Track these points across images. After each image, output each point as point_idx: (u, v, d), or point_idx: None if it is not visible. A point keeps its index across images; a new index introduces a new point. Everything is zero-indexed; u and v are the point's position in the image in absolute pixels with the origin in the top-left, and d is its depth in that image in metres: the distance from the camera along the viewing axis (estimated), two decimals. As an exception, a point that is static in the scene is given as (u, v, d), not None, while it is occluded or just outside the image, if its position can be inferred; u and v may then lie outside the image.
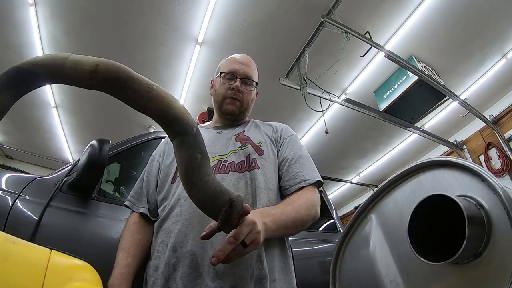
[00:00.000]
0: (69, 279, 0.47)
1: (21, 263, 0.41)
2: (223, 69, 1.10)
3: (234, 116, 1.08)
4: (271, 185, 0.93)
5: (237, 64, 1.09)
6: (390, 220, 0.39)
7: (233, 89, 1.05)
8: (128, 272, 0.84)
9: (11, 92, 0.45)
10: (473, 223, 0.28)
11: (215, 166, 0.93)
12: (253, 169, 0.92)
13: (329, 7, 3.17)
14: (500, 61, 4.01)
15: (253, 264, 0.79)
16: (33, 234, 1.04)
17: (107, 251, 1.16)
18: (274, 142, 1.05)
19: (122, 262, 0.85)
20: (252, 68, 1.11)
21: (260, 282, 0.78)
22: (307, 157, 1.02)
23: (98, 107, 4.40)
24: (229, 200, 0.55)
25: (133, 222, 0.95)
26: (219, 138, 1.04)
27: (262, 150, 0.98)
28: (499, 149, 4.47)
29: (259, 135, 1.04)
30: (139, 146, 1.58)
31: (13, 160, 5.83)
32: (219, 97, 1.08)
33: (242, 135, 1.03)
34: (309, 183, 0.92)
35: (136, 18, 3.22)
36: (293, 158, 0.99)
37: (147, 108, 0.51)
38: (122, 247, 0.89)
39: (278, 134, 1.08)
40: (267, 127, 1.11)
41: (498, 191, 0.28)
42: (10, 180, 1.20)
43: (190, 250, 0.80)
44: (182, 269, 0.78)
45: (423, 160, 0.36)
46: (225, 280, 0.77)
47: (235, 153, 0.96)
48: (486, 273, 0.28)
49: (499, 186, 0.29)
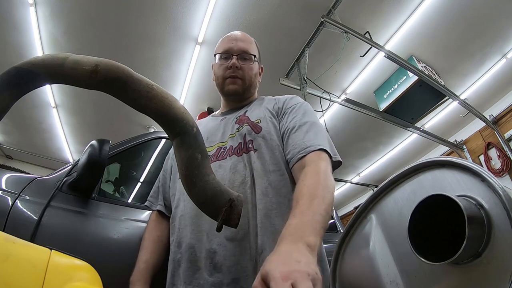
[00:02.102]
0: (69, 279, 0.47)
1: (21, 263, 0.41)
2: (217, 50, 1.04)
3: (238, 95, 1.02)
4: (271, 166, 0.84)
5: (230, 41, 1.02)
6: (390, 220, 0.39)
7: (231, 67, 0.98)
8: (146, 267, 0.86)
9: (11, 92, 0.45)
10: (473, 223, 0.28)
11: (214, 154, 0.90)
12: (249, 151, 0.86)
13: (329, 7, 3.17)
14: (500, 61, 4.01)
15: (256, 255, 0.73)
16: (33, 234, 1.04)
17: (107, 251, 1.16)
18: (276, 114, 0.95)
19: (141, 258, 0.89)
20: (247, 42, 1.04)
21: None
22: (312, 123, 0.86)
23: (98, 107, 4.40)
24: (229, 200, 0.55)
25: (152, 220, 0.98)
26: (221, 125, 0.99)
27: (260, 127, 0.90)
28: (499, 149, 4.47)
29: (259, 112, 0.96)
30: (139, 146, 1.58)
31: (13, 160, 5.83)
32: (219, 80, 1.02)
33: (242, 116, 0.96)
34: (309, 150, 0.78)
35: (136, 18, 3.22)
36: (293, 127, 0.86)
37: (147, 108, 0.51)
38: (142, 245, 0.93)
39: (280, 105, 0.97)
40: (271, 101, 1.02)
41: (498, 191, 0.28)
42: (10, 180, 1.20)
43: (189, 243, 0.79)
44: (184, 264, 0.78)
45: (423, 160, 0.36)
46: (224, 273, 0.73)
47: (232, 137, 0.92)
48: (486, 273, 0.28)
49: (499, 186, 0.28)
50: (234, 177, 0.83)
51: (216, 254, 0.75)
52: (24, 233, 1.02)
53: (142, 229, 1.31)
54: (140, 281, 0.83)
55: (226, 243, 0.76)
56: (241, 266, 0.73)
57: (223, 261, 0.74)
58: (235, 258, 0.74)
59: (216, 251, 0.75)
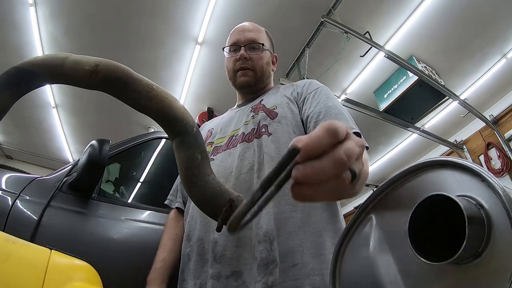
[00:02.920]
0: (69, 279, 0.47)
1: (21, 263, 0.41)
2: (227, 43, 1.03)
3: (250, 87, 1.00)
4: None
5: (238, 33, 1.01)
6: (390, 220, 0.39)
7: (240, 59, 0.96)
8: (163, 266, 0.83)
9: (11, 92, 0.45)
10: (473, 223, 0.28)
11: (225, 143, 0.88)
12: (262, 135, 0.82)
13: (329, 7, 3.17)
14: (500, 61, 4.01)
15: (258, 244, 0.67)
16: (33, 234, 1.04)
17: (107, 251, 1.16)
18: (294, 100, 0.92)
19: (159, 257, 0.86)
20: (256, 31, 1.02)
21: (267, 267, 0.64)
22: (339, 107, 0.83)
23: (98, 107, 4.40)
24: (229, 200, 0.55)
25: (171, 218, 0.95)
26: (236, 115, 0.97)
27: (275, 113, 0.87)
28: (499, 149, 4.47)
29: (275, 99, 0.93)
30: (139, 146, 1.58)
31: (13, 160, 5.83)
32: (230, 73, 1.00)
33: (257, 105, 0.94)
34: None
35: (136, 18, 3.22)
36: (320, 112, 0.81)
37: (147, 108, 0.51)
38: (160, 243, 0.90)
39: (298, 91, 0.94)
40: (289, 87, 0.98)
41: (498, 191, 0.28)
42: (10, 180, 1.20)
43: (198, 236, 0.76)
44: (193, 257, 0.76)
45: (423, 160, 0.36)
46: (223, 264, 0.68)
47: (246, 124, 0.89)
48: (486, 273, 0.28)
49: (499, 186, 0.28)
50: (242, 164, 0.79)
51: (216, 244, 0.72)
52: (24, 233, 1.02)
53: (142, 229, 1.32)
54: (156, 280, 0.80)
55: (227, 232, 0.72)
56: (244, 258, 0.68)
57: (223, 251, 0.70)
58: (237, 249, 0.69)
59: (217, 241, 0.72)
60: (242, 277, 0.67)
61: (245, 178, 0.77)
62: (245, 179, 0.77)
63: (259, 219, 0.70)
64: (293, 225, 0.70)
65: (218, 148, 0.91)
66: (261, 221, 0.70)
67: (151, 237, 1.26)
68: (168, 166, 1.60)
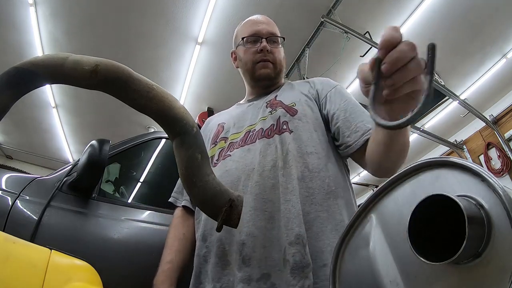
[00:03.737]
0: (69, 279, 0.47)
1: (21, 263, 0.41)
2: (243, 34, 0.98)
3: (270, 80, 0.96)
4: (309, 148, 0.78)
5: (257, 24, 0.97)
6: (390, 220, 0.39)
7: (261, 51, 0.92)
8: (171, 268, 0.79)
9: (11, 92, 0.45)
10: (473, 223, 0.28)
11: (242, 139, 0.85)
12: (283, 132, 0.80)
13: (329, 7, 3.17)
14: (500, 61, 4.01)
15: (289, 246, 0.64)
16: (33, 234, 1.04)
17: (107, 251, 1.16)
18: (313, 98, 0.90)
19: (165, 259, 0.81)
20: (272, 25, 0.99)
21: (302, 271, 0.62)
22: (361, 106, 0.84)
23: (98, 107, 4.41)
24: (229, 200, 0.55)
25: (177, 217, 0.90)
26: (249, 109, 0.94)
27: (295, 110, 0.85)
28: (499, 149, 4.47)
29: (292, 96, 0.90)
30: (139, 146, 1.58)
31: (13, 160, 5.83)
32: (248, 65, 0.95)
33: (273, 101, 0.91)
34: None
35: (136, 18, 3.22)
36: (345, 109, 0.81)
37: (147, 108, 0.51)
38: (166, 243, 0.86)
39: (317, 88, 0.92)
40: (304, 84, 0.97)
41: (498, 191, 0.28)
42: (10, 180, 1.20)
43: (218, 236, 0.72)
44: (211, 259, 0.72)
45: (423, 160, 0.36)
46: (253, 266, 0.65)
47: (264, 120, 0.86)
48: (486, 273, 0.28)
49: (499, 186, 0.28)
50: (264, 160, 0.77)
51: (244, 245, 0.68)
52: (24, 233, 1.02)
53: (142, 229, 1.32)
54: (164, 283, 0.76)
55: (255, 233, 0.69)
56: (272, 259, 0.66)
57: (252, 253, 0.66)
58: (264, 250, 0.67)
59: (244, 242, 0.68)
60: (271, 279, 0.65)
61: (269, 175, 0.74)
62: (269, 176, 0.74)
63: (288, 220, 0.68)
64: (320, 225, 0.70)
65: (233, 143, 0.87)
66: (290, 222, 0.68)
67: (151, 237, 1.26)
68: (168, 166, 1.60)
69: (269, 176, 0.74)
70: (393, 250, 0.35)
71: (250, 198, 0.72)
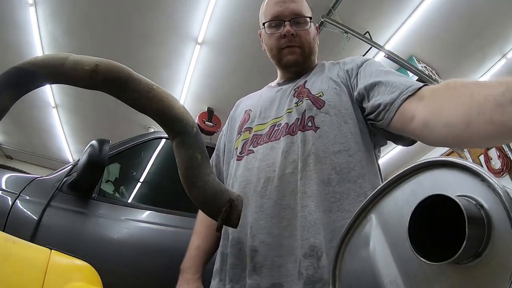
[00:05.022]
0: (69, 279, 0.47)
1: (21, 263, 0.41)
2: (265, 17, 0.90)
3: (299, 65, 0.89)
4: (337, 146, 0.71)
5: (278, 4, 0.87)
6: (390, 220, 0.39)
7: (285, 36, 0.84)
8: (198, 254, 0.80)
9: (11, 92, 0.45)
10: (473, 223, 0.28)
11: (267, 133, 0.79)
12: (307, 130, 0.74)
13: (329, 7, 3.17)
14: (500, 61, 4.01)
15: (304, 259, 0.61)
16: (33, 234, 1.04)
17: (107, 251, 1.16)
18: (342, 82, 0.82)
19: (193, 245, 0.82)
20: (299, 2, 0.88)
21: (314, 286, 0.58)
22: (397, 72, 0.76)
23: (98, 107, 4.41)
24: (229, 200, 0.55)
25: None
26: (277, 97, 0.87)
27: (323, 101, 0.77)
28: (499, 149, 4.47)
29: (320, 83, 0.82)
30: (139, 146, 1.58)
31: (13, 160, 5.83)
32: (273, 51, 0.89)
33: (301, 88, 0.83)
34: (418, 86, 0.63)
35: (136, 18, 3.22)
36: (378, 75, 0.73)
37: (147, 108, 0.51)
38: (194, 230, 0.86)
39: (347, 68, 0.84)
40: (333, 67, 0.89)
41: (498, 191, 0.28)
42: (10, 180, 1.20)
43: (237, 237, 0.70)
44: (230, 259, 0.70)
45: (423, 160, 0.36)
46: (263, 275, 0.63)
47: (289, 112, 0.79)
48: (486, 273, 0.28)
49: (499, 186, 0.28)
50: (285, 162, 0.71)
51: (257, 253, 0.66)
52: (24, 233, 1.02)
53: (142, 229, 1.32)
54: (191, 268, 0.76)
55: (269, 240, 0.66)
56: (286, 269, 0.63)
57: (264, 261, 0.64)
58: (279, 259, 0.64)
59: (257, 249, 0.66)
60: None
61: (288, 180, 0.70)
62: (289, 180, 0.70)
63: (304, 229, 0.64)
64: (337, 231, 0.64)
65: (258, 137, 0.81)
66: (305, 232, 0.63)
67: (151, 237, 1.26)
68: (168, 166, 1.60)
69: (289, 181, 0.70)
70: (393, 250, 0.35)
71: (268, 204, 0.69)
